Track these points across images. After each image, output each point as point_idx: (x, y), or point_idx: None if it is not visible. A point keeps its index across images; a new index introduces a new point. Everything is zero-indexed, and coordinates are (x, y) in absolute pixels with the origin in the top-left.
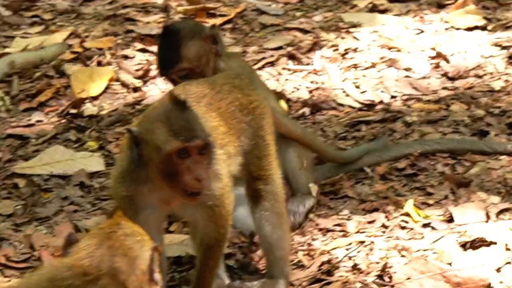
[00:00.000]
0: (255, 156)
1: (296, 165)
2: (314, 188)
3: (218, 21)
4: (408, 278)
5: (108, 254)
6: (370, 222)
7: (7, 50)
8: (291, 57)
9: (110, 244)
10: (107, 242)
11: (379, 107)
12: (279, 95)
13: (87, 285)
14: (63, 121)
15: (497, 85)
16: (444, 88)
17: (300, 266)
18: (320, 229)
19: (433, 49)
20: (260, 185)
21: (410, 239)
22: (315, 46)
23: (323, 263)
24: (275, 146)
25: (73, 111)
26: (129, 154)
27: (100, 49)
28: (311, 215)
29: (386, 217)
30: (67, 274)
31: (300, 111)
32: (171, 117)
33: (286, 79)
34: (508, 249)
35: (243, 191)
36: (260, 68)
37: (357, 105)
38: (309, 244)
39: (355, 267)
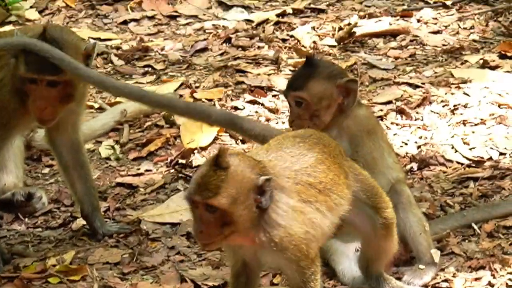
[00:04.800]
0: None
1: (417, 229)
2: (436, 255)
3: None
4: None
5: None
6: (476, 280)
7: (118, 99)
8: (400, 111)
9: None
10: None
11: (487, 164)
12: None
13: None
14: (172, 171)
15: None
16: None
17: None
18: (426, 286)
19: None
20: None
21: None
22: (425, 101)
23: None
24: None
25: (181, 161)
26: None
27: (210, 100)
28: None
29: (493, 275)
30: None
31: (408, 166)
32: None
33: (395, 134)
34: None
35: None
36: None
37: (466, 162)
38: None
39: None
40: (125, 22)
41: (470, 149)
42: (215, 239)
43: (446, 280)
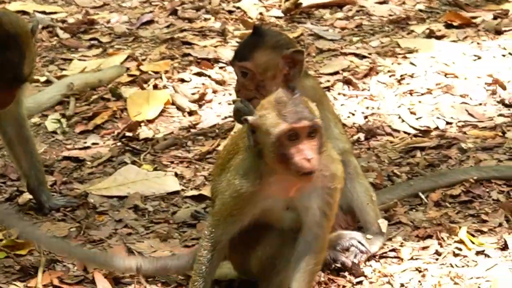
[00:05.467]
0: None
1: (365, 199)
2: (384, 225)
3: None
4: None
5: None
6: (423, 249)
7: (64, 72)
8: (347, 82)
9: None
10: None
11: (434, 133)
12: None
13: None
14: (119, 144)
15: None
16: (501, 115)
17: None
18: (374, 255)
19: (490, 75)
20: None
21: (463, 266)
22: (371, 71)
23: None
24: None
25: (128, 134)
26: (248, 150)
27: (157, 72)
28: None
29: (440, 244)
30: None
31: (355, 137)
32: (281, 102)
33: (342, 104)
34: None
35: None
36: None
37: (412, 131)
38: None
39: None
40: None
41: (417, 118)
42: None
43: (393, 250)
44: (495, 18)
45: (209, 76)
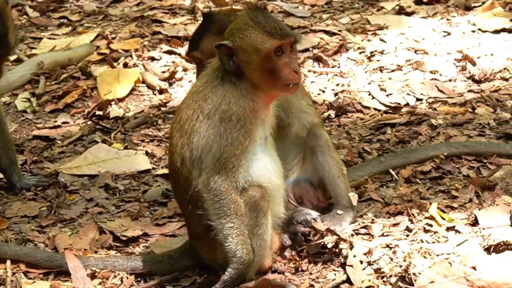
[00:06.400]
0: None
1: (336, 172)
2: (354, 198)
3: None
4: (432, 282)
5: None
6: (394, 225)
7: (34, 51)
8: (317, 59)
9: None
10: None
11: (404, 109)
12: None
13: None
14: (89, 122)
15: None
16: (470, 91)
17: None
18: (345, 232)
19: (460, 51)
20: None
21: (434, 242)
22: (342, 48)
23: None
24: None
25: (99, 112)
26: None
27: (127, 50)
28: None
29: (410, 220)
30: None
31: (326, 114)
32: (261, 21)
33: (312, 82)
34: None
35: None
36: None
37: (383, 108)
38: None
39: (378, 271)
40: None
41: (387, 95)
42: None
43: (365, 227)
44: None
45: (179, 54)
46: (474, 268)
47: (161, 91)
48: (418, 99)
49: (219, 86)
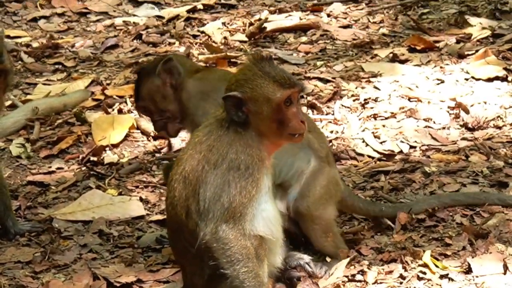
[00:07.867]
0: None
1: (321, 239)
2: (343, 254)
3: None
4: None
5: None
6: (388, 273)
7: (29, 96)
8: (312, 106)
9: None
10: None
11: (398, 157)
12: None
13: None
14: (83, 168)
15: None
16: (464, 138)
17: None
18: (337, 277)
19: (453, 99)
20: None
21: None
22: (336, 95)
23: None
24: None
25: (93, 158)
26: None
27: (121, 96)
28: None
29: (404, 267)
30: None
31: None
32: (269, 71)
33: None
34: None
35: None
36: None
37: (377, 155)
38: None
39: None
40: (34, 19)
41: (381, 142)
42: None
43: (360, 271)
44: (458, 42)
45: None
46: None
47: (156, 138)
48: (411, 147)
49: (224, 136)
